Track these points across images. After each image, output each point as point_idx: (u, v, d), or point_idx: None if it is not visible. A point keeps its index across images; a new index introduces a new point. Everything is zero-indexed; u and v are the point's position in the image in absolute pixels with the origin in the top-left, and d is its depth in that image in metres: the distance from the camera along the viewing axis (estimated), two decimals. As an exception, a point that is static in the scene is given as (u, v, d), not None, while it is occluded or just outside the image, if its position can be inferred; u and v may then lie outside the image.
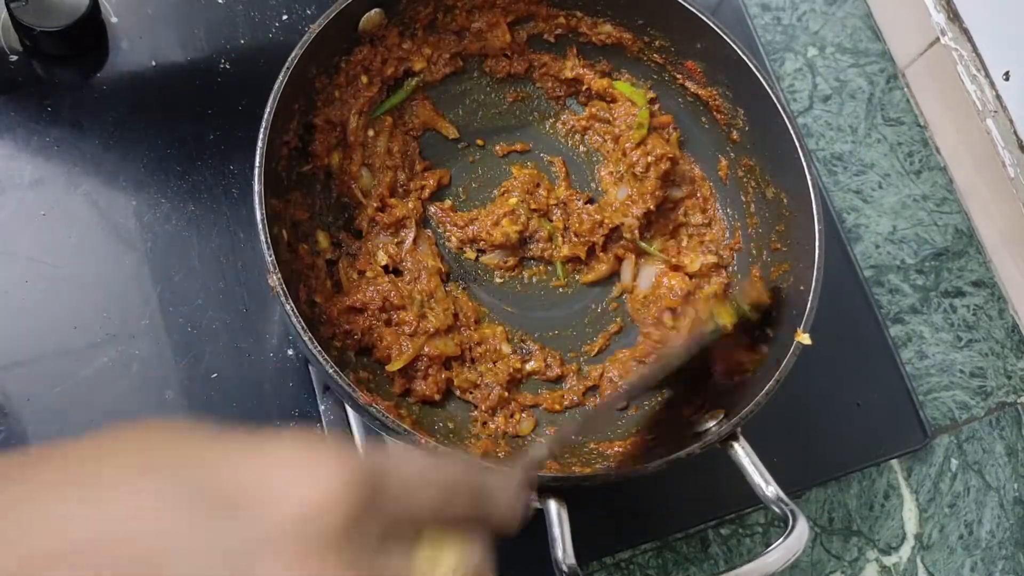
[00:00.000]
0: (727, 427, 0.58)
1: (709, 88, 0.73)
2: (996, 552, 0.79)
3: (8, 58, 0.73)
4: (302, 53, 0.62)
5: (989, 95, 0.84)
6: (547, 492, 0.54)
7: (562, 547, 0.52)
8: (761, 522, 0.75)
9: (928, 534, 0.79)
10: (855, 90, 0.91)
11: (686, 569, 0.73)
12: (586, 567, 0.70)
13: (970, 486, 0.81)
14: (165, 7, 0.77)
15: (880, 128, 0.91)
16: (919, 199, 0.89)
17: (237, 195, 0.73)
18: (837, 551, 0.76)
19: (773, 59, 0.90)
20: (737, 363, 0.65)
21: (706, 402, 0.65)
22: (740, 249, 0.75)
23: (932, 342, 0.85)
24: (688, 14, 0.69)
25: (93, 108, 0.73)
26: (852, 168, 0.89)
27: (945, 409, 0.83)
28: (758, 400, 0.58)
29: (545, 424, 0.70)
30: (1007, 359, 0.86)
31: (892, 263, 0.87)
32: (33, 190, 0.70)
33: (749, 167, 0.73)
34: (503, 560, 0.72)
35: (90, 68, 0.75)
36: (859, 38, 0.93)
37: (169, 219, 0.72)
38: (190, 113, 0.75)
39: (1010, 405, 0.84)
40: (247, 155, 0.59)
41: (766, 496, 0.57)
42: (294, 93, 0.63)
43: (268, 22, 0.79)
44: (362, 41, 0.69)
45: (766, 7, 0.92)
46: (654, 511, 0.72)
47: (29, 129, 0.72)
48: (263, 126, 0.59)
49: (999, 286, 0.88)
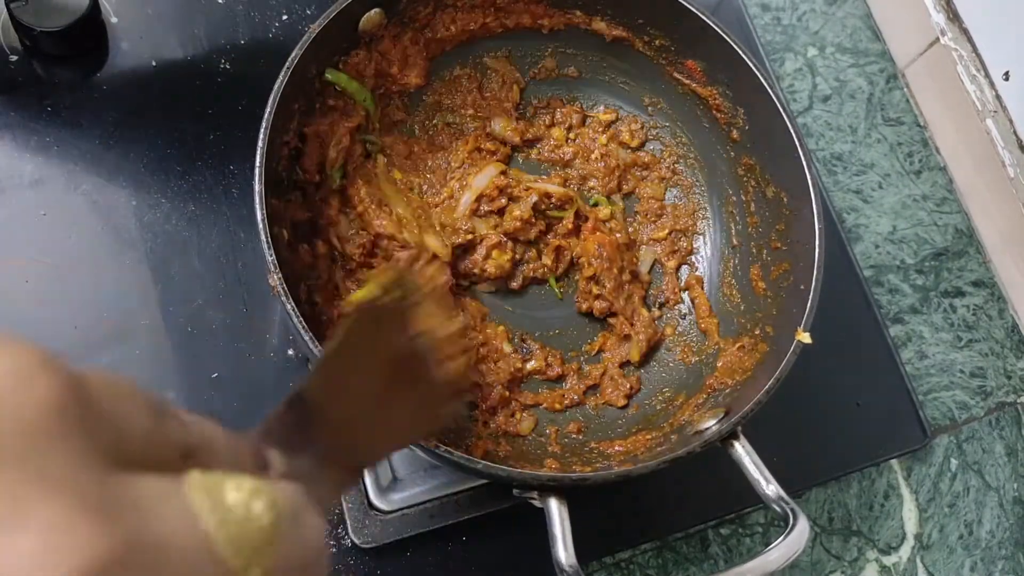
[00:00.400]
0: (728, 426, 0.58)
1: (709, 87, 0.73)
2: (996, 552, 0.79)
3: (8, 58, 0.73)
4: (302, 53, 0.62)
5: (989, 95, 0.84)
6: (548, 491, 0.54)
7: (563, 546, 0.52)
8: (761, 522, 0.75)
9: (928, 534, 0.79)
10: (855, 90, 0.91)
11: (686, 569, 0.73)
12: (586, 567, 0.70)
13: (970, 486, 0.81)
14: (165, 7, 0.77)
15: (880, 128, 0.91)
16: (919, 199, 0.89)
17: (237, 195, 0.73)
18: (837, 551, 0.76)
19: (773, 59, 0.90)
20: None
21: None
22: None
23: (932, 342, 0.85)
24: (689, 14, 0.69)
25: (93, 108, 0.73)
26: (852, 168, 0.89)
27: (945, 409, 0.83)
28: (759, 399, 0.58)
29: (545, 423, 0.70)
30: (1007, 359, 0.86)
31: (892, 263, 0.87)
32: (33, 190, 0.70)
33: (749, 166, 0.73)
34: (503, 560, 0.72)
35: (90, 68, 0.75)
36: (859, 38, 0.93)
37: (169, 219, 0.72)
38: (190, 113, 0.75)
39: (1010, 405, 0.84)
40: (247, 155, 0.59)
41: (767, 495, 0.57)
42: (294, 93, 0.63)
43: (268, 22, 0.79)
44: (362, 41, 0.69)
45: (766, 7, 0.92)
46: (654, 511, 0.72)
47: (29, 129, 0.72)
48: (263, 126, 0.59)
49: (999, 286, 0.88)
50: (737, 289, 0.74)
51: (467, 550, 0.68)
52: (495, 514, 0.67)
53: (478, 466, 0.54)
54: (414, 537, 0.66)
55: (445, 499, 0.67)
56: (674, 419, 0.67)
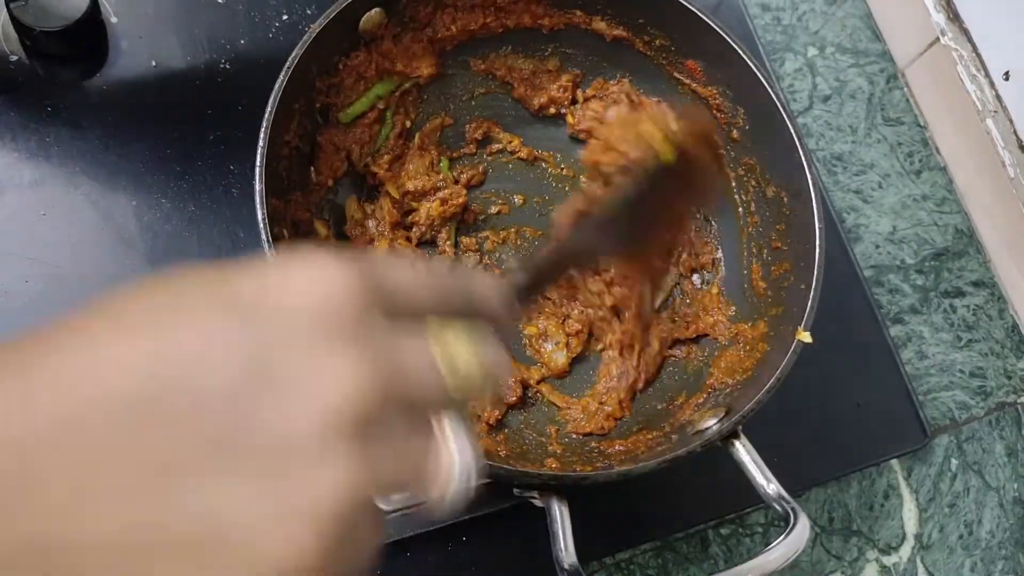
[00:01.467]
0: (728, 425, 0.58)
1: (709, 87, 0.73)
2: (996, 552, 0.79)
3: (8, 58, 0.73)
4: (302, 53, 0.62)
5: (989, 95, 0.84)
6: (548, 490, 0.54)
7: (563, 545, 0.52)
8: (762, 522, 0.75)
9: (928, 534, 0.79)
10: (855, 90, 0.92)
11: (686, 569, 0.73)
12: (587, 567, 0.70)
13: (970, 486, 0.81)
14: (165, 7, 0.77)
15: (880, 128, 0.91)
16: (919, 199, 0.89)
17: (237, 195, 0.73)
18: (837, 551, 0.76)
19: (773, 59, 0.91)
20: (679, 220, 0.68)
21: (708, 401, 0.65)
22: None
23: (932, 342, 0.85)
24: (689, 14, 0.69)
25: (93, 108, 0.73)
26: (852, 168, 0.89)
27: (945, 409, 0.83)
28: (759, 398, 0.59)
29: (546, 423, 0.70)
30: (1007, 359, 0.86)
31: (892, 263, 0.87)
32: (33, 190, 0.70)
33: (749, 166, 0.73)
34: (503, 560, 0.72)
35: (90, 68, 0.75)
36: (859, 38, 0.93)
37: (169, 219, 0.72)
38: (190, 113, 0.75)
39: (1010, 405, 0.84)
40: (247, 155, 0.59)
41: (767, 494, 0.57)
42: (294, 93, 0.63)
43: (268, 22, 0.79)
44: (363, 41, 0.69)
45: (766, 7, 0.92)
46: (654, 511, 0.72)
47: (29, 129, 0.72)
48: (263, 126, 0.59)
49: (999, 286, 0.88)
50: (738, 289, 0.74)
51: (467, 550, 0.68)
52: (495, 514, 0.67)
53: (478, 465, 0.54)
54: (414, 537, 0.66)
55: (445, 499, 0.67)
56: (674, 419, 0.67)
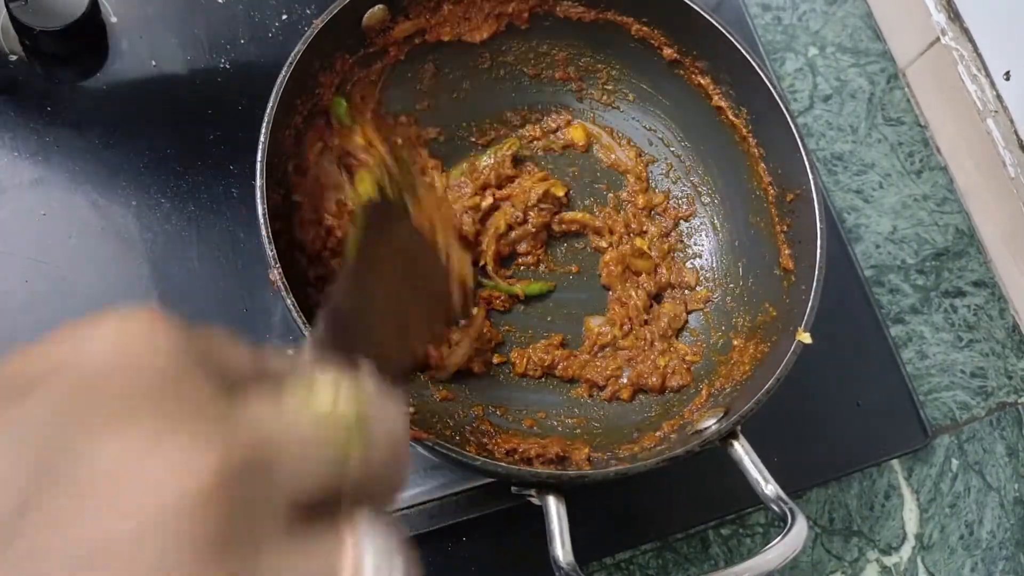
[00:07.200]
0: (727, 425, 0.58)
1: (715, 88, 0.73)
2: (996, 552, 0.79)
3: (8, 58, 0.73)
4: (305, 48, 0.62)
5: (989, 95, 0.84)
6: (546, 488, 0.54)
7: (560, 544, 0.52)
8: (762, 522, 0.75)
9: (929, 534, 0.78)
10: (855, 90, 0.91)
11: (686, 569, 0.73)
12: (586, 567, 0.70)
13: (971, 486, 0.81)
14: (165, 7, 0.77)
15: (880, 128, 0.91)
16: (919, 199, 0.89)
17: (237, 195, 0.73)
18: (837, 551, 0.76)
19: (773, 59, 0.90)
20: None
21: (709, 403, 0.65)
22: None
23: (932, 342, 0.85)
24: (692, 13, 0.69)
25: (93, 108, 0.73)
26: (852, 168, 0.89)
27: (946, 409, 0.83)
28: (758, 398, 0.58)
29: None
30: (1008, 359, 0.86)
31: (892, 263, 0.86)
32: (33, 190, 0.70)
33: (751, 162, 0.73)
34: (503, 560, 0.72)
35: (90, 68, 0.75)
36: (859, 38, 0.93)
37: (169, 219, 0.72)
38: (190, 113, 0.75)
39: (1011, 405, 0.84)
40: (248, 155, 0.59)
41: (765, 495, 0.57)
42: (296, 89, 0.63)
43: (268, 22, 0.79)
44: (367, 37, 0.69)
45: (766, 7, 0.92)
46: (654, 511, 0.72)
47: (29, 129, 0.72)
48: (265, 120, 0.59)
49: (999, 286, 0.88)
50: (739, 289, 0.74)
51: (467, 550, 0.68)
52: (495, 514, 0.67)
53: (476, 463, 0.54)
54: (414, 537, 0.66)
55: (445, 499, 0.67)
56: (674, 419, 0.67)
